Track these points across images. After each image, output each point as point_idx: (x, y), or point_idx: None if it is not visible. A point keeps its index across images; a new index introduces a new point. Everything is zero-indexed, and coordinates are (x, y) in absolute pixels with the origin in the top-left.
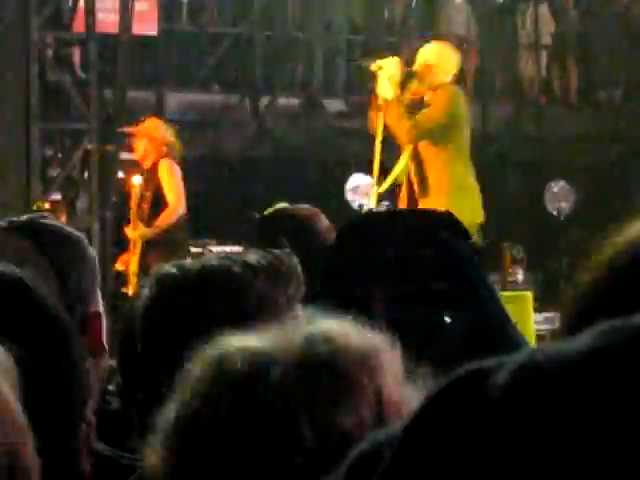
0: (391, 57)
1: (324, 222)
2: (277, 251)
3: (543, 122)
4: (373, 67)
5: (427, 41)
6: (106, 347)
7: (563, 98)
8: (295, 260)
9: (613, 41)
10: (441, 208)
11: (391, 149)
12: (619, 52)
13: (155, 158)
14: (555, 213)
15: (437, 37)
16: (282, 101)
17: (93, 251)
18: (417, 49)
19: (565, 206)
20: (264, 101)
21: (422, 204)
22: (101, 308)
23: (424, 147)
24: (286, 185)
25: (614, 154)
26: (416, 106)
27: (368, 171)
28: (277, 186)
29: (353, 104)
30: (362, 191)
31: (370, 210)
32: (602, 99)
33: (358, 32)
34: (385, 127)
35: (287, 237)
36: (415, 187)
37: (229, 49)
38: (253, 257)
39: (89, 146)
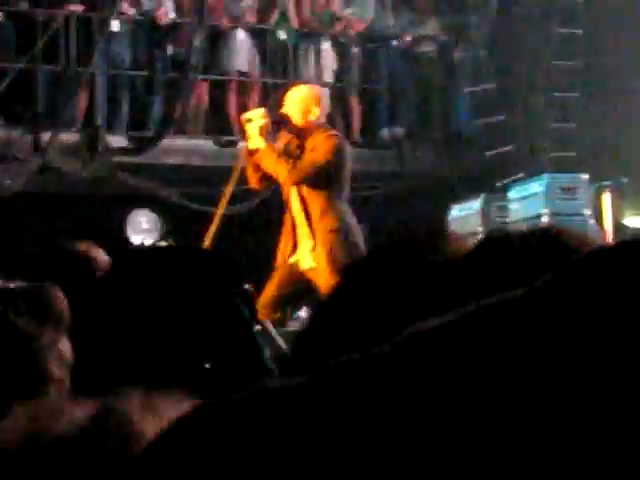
0: (258, 109)
1: (101, 258)
2: (41, 284)
3: None
4: (242, 120)
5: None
6: None
7: (346, 136)
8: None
9: (396, 79)
10: (313, 248)
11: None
12: (402, 90)
13: None
14: None
15: (220, 73)
16: (64, 136)
17: None
18: (203, 83)
19: None
20: (46, 136)
21: (304, 243)
22: None
23: (307, 188)
24: (69, 220)
25: (396, 191)
26: (292, 149)
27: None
28: (60, 222)
29: (135, 140)
30: (142, 228)
31: (145, 248)
32: (385, 137)
33: (141, 68)
34: (265, 176)
35: (60, 272)
36: (297, 228)
37: (11, 83)
38: (13, 288)
39: None
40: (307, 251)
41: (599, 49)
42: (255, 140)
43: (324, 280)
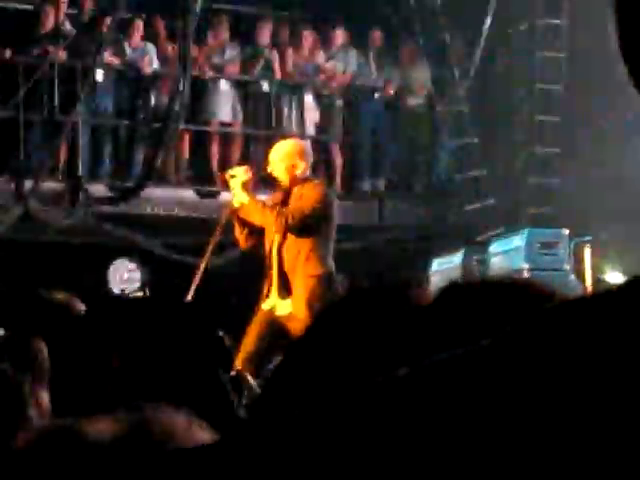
0: (241, 166)
1: (78, 308)
2: (24, 335)
3: None
4: (226, 176)
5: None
6: None
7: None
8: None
9: (379, 132)
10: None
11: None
12: (384, 143)
13: None
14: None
15: (203, 123)
16: (46, 185)
17: None
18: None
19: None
20: (28, 184)
21: (282, 289)
22: None
23: (292, 235)
24: (49, 269)
25: (378, 243)
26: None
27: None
28: (40, 270)
29: (117, 190)
30: (123, 278)
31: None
32: (366, 190)
33: (124, 117)
34: (250, 233)
35: (39, 322)
36: (276, 275)
37: None
38: None
39: None
40: (285, 297)
41: (580, 104)
42: (239, 195)
43: (301, 327)
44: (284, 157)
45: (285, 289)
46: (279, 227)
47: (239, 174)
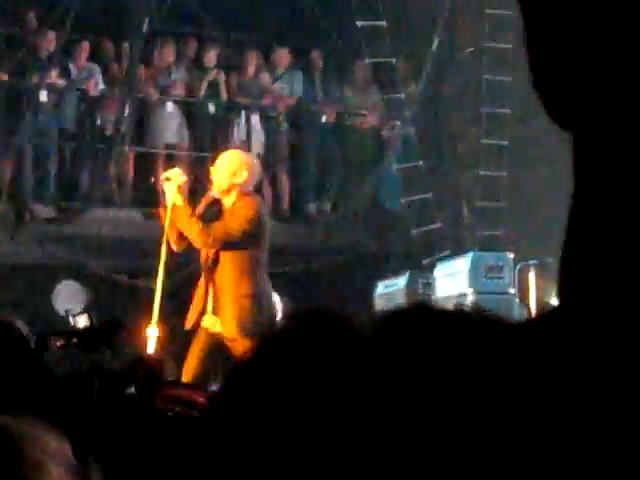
0: (176, 169)
1: (20, 330)
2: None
3: None
4: (162, 178)
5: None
6: None
7: (275, 210)
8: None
9: (324, 154)
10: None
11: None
12: (330, 163)
13: None
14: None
15: (148, 145)
16: None
17: None
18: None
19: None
20: None
21: (218, 306)
22: None
23: (224, 252)
24: None
25: (323, 265)
26: (211, 212)
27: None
28: None
29: (63, 210)
30: (68, 297)
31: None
32: (311, 212)
33: (69, 138)
34: (182, 237)
35: None
36: (210, 288)
37: None
38: None
39: None
40: (215, 316)
41: (527, 125)
42: (173, 197)
43: (238, 348)
44: (228, 163)
45: (216, 307)
46: (200, 243)
47: (174, 177)
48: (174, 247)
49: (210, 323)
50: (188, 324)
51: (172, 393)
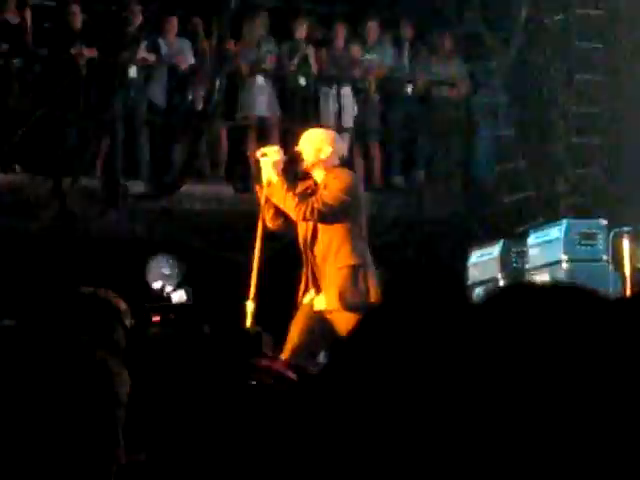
0: (272, 146)
1: (120, 304)
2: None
3: None
4: (257, 154)
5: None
6: None
7: (367, 181)
8: None
9: (413, 124)
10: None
11: None
12: (421, 133)
13: None
14: None
15: (240, 119)
16: (84, 182)
17: None
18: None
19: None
20: (66, 181)
21: (316, 283)
22: None
23: (323, 225)
24: (87, 266)
25: (415, 236)
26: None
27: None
28: (78, 267)
29: (155, 186)
30: (162, 273)
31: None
32: (401, 183)
33: (161, 114)
34: (277, 214)
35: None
36: (310, 267)
37: (32, 128)
38: None
39: None
40: (319, 292)
41: (618, 94)
42: (268, 174)
43: (340, 322)
44: (312, 140)
45: (318, 283)
46: (298, 215)
47: (270, 154)
48: (269, 225)
49: (313, 300)
50: (306, 300)
51: (266, 365)
